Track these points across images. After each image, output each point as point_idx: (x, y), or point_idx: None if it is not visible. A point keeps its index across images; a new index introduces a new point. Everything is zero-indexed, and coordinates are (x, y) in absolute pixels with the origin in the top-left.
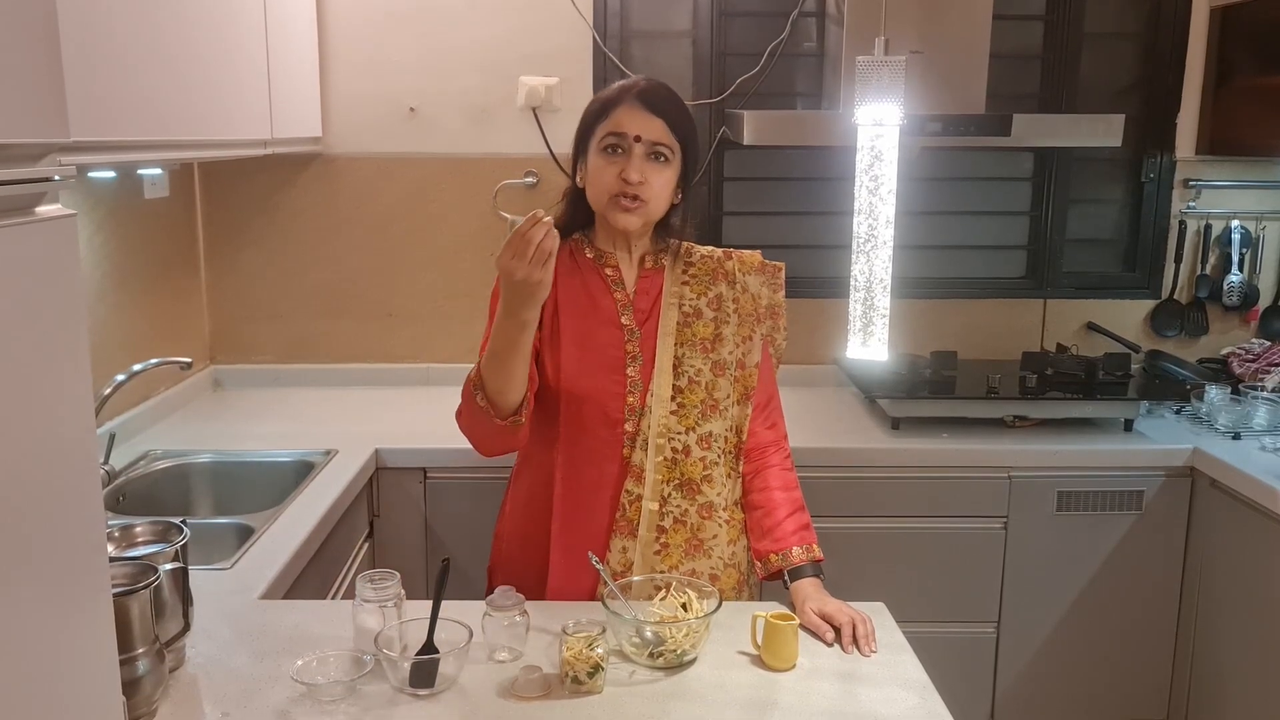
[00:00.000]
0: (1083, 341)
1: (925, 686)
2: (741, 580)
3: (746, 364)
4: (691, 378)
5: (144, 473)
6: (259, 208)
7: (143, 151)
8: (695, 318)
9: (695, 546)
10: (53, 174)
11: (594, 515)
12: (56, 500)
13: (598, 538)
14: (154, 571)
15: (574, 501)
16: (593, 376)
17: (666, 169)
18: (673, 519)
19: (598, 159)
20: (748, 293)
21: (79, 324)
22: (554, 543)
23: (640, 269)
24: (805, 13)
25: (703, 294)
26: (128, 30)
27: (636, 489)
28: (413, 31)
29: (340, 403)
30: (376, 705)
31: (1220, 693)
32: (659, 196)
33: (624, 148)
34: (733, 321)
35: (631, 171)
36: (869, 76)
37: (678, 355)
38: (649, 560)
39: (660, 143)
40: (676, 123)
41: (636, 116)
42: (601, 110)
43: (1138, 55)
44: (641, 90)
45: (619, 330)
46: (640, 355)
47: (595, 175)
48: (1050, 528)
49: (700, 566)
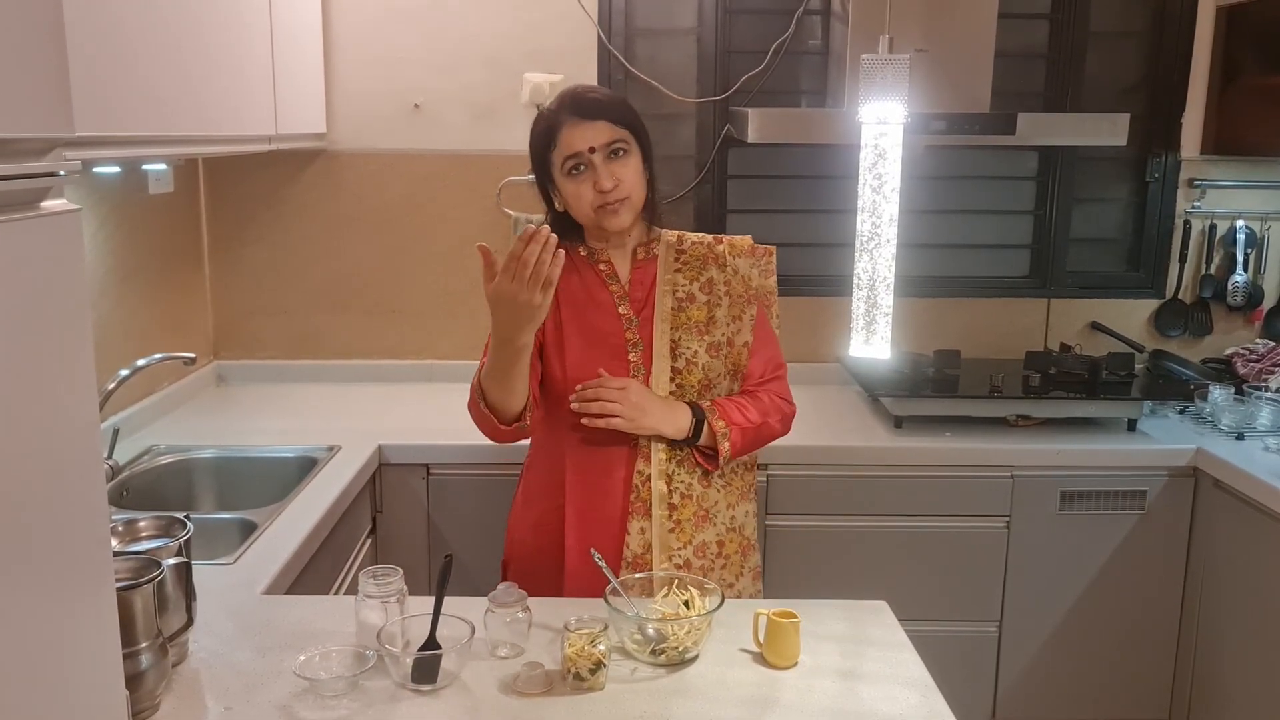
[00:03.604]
0: (1086, 341)
1: (927, 685)
2: (746, 545)
3: (735, 342)
4: (689, 359)
5: (147, 468)
6: (263, 203)
7: (147, 147)
8: (689, 302)
9: (703, 517)
10: (58, 169)
11: (609, 498)
12: (60, 495)
13: (615, 521)
14: (157, 566)
15: (588, 485)
16: (598, 365)
17: (630, 159)
18: (680, 494)
19: (567, 183)
20: (738, 275)
21: (83, 319)
22: (569, 528)
23: (633, 260)
24: (810, 10)
25: (694, 279)
26: (133, 26)
27: (646, 469)
28: (417, 28)
29: (343, 398)
30: (379, 701)
31: (1222, 693)
32: (635, 187)
33: (585, 163)
34: (724, 304)
35: (604, 181)
36: (873, 74)
37: (674, 339)
38: (665, 539)
39: (613, 141)
40: (617, 116)
41: (581, 130)
42: (547, 139)
43: (1143, 54)
44: (573, 104)
45: (618, 320)
46: (640, 342)
47: (573, 199)
48: (1053, 527)
49: (708, 537)
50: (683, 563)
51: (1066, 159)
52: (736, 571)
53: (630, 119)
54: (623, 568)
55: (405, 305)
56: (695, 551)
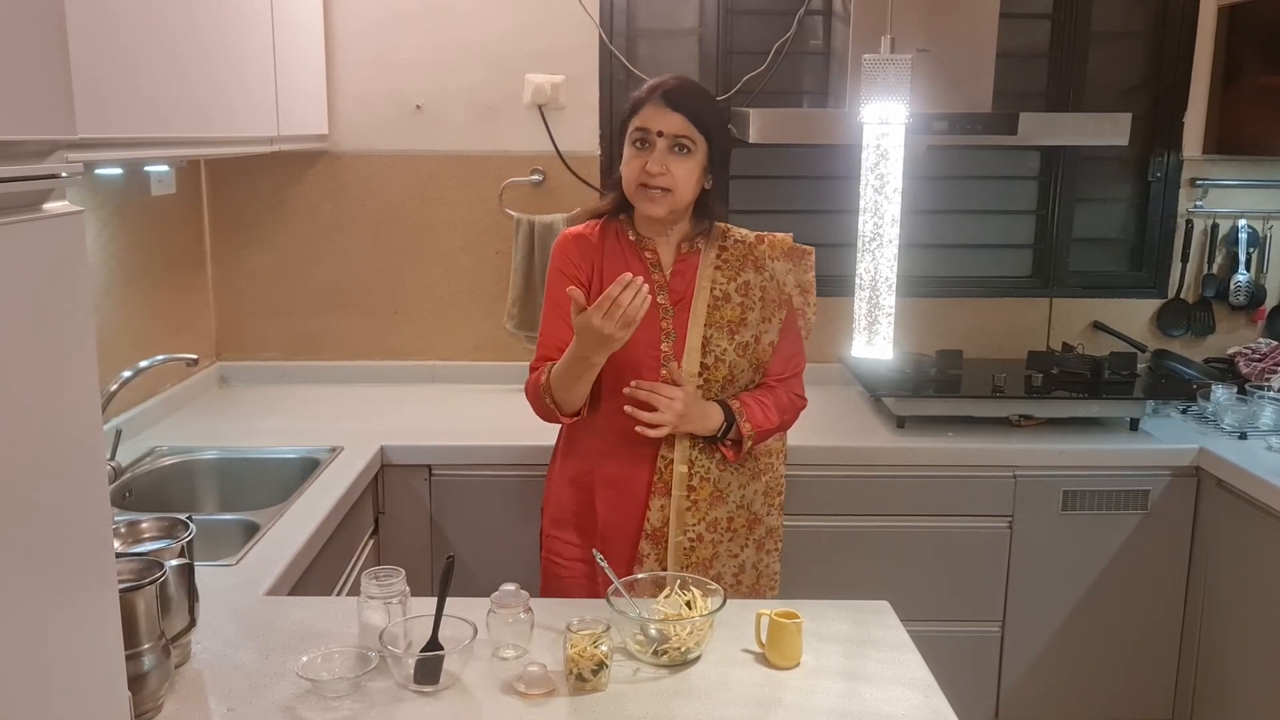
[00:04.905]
0: (1089, 341)
1: (929, 685)
2: (753, 519)
3: (762, 341)
4: (718, 356)
5: (150, 469)
6: (265, 205)
7: (150, 149)
8: (724, 301)
9: (717, 497)
10: (60, 171)
11: (637, 472)
12: (63, 496)
13: (640, 494)
14: (160, 567)
15: (617, 458)
16: (632, 348)
17: (689, 159)
18: (699, 477)
19: (628, 151)
20: (774, 280)
21: (86, 320)
22: (599, 496)
23: (677, 253)
24: (812, 11)
25: (733, 279)
26: (135, 28)
27: (670, 454)
28: (419, 29)
29: (346, 399)
30: (381, 701)
31: (1226, 693)
32: (683, 185)
33: (649, 142)
34: (757, 308)
35: (652, 164)
36: (875, 75)
37: (706, 335)
38: (682, 516)
39: (681, 135)
40: (698, 116)
41: (659, 113)
42: (633, 108)
43: (1145, 54)
44: (666, 89)
45: (655, 307)
46: (674, 332)
47: (625, 166)
48: (1055, 527)
49: (720, 514)
50: (696, 536)
51: (1068, 159)
52: (742, 543)
53: (710, 124)
54: (642, 538)
55: (408, 306)
56: (708, 527)
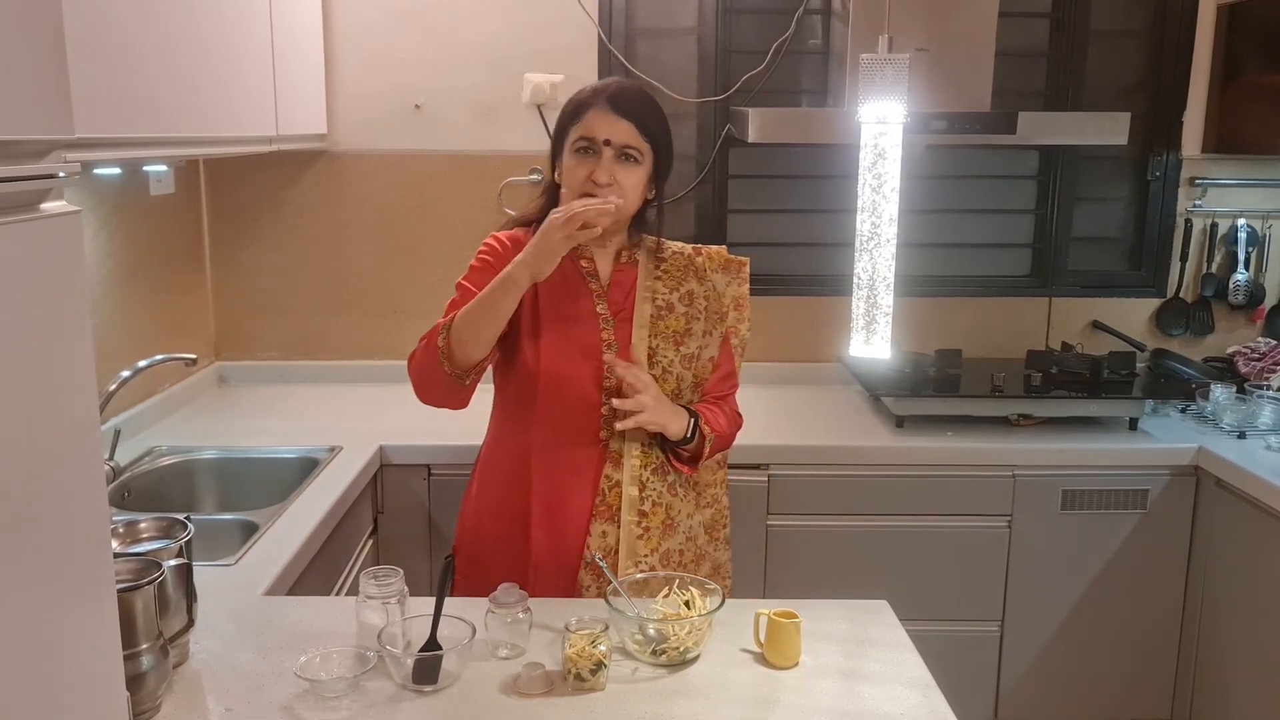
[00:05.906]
0: (1088, 340)
1: (928, 685)
2: (699, 554)
3: (702, 357)
4: (665, 368)
5: (149, 469)
6: (264, 204)
7: (148, 148)
8: (668, 311)
9: (669, 526)
10: (58, 171)
11: (575, 496)
12: (61, 496)
13: (578, 521)
14: (158, 567)
15: (553, 481)
16: (571, 360)
17: (637, 169)
18: (651, 502)
19: (571, 159)
20: (715, 291)
21: (84, 320)
22: (535, 522)
23: (615, 263)
24: (810, 10)
25: (675, 289)
26: (133, 27)
27: (616, 474)
28: (418, 28)
29: (345, 399)
30: (379, 701)
31: (1225, 692)
32: (630, 195)
33: (594, 150)
34: (702, 319)
35: (600, 174)
36: (873, 74)
37: (652, 346)
38: (632, 545)
39: (629, 145)
40: (646, 125)
41: (606, 120)
42: (575, 113)
43: (1144, 53)
44: (612, 94)
45: (595, 318)
46: (615, 343)
47: (568, 175)
48: (1054, 526)
49: (672, 545)
50: (649, 569)
51: (1067, 158)
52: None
53: (657, 134)
54: (581, 567)
55: (407, 306)
56: (661, 559)
